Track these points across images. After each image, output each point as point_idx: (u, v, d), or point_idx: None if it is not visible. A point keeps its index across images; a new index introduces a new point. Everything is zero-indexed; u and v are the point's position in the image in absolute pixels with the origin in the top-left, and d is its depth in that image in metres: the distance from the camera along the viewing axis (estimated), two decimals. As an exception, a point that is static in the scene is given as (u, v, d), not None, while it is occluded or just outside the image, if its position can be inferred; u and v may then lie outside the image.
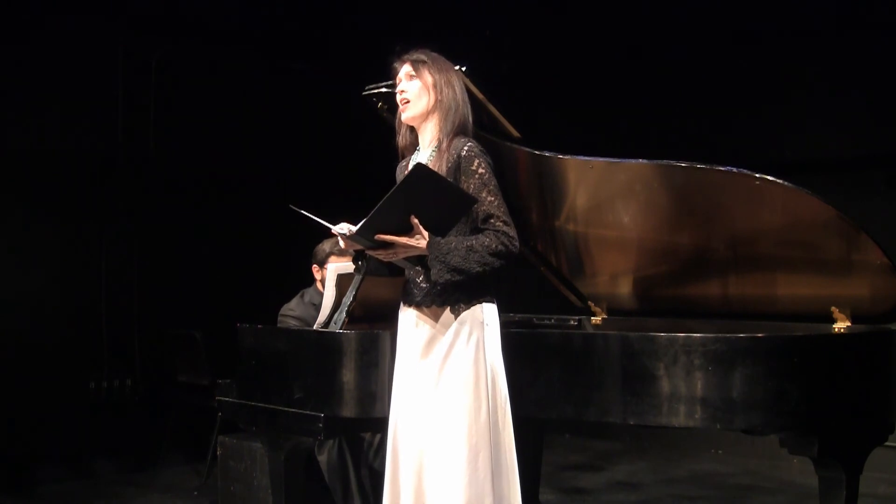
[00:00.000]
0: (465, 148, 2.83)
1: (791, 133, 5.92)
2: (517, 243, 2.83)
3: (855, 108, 5.67)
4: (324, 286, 4.08)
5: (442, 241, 2.75)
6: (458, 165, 2.82)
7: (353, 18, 6.55)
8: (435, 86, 2.90)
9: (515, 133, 3.40)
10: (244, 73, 6.40)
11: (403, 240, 2.74)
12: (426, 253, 2.75)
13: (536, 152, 3.37)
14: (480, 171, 2.82)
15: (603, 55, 6.51)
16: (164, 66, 6.02)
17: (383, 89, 3.35)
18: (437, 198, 2.72)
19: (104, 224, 5.79)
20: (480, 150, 2.86)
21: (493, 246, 2.77)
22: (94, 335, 5.75)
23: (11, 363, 5.27)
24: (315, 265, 4.23)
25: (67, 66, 5.60)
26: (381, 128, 3.58)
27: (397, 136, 3.05)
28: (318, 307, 3.95)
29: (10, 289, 5.36)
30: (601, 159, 3.34)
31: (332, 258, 4.08)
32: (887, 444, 3.04)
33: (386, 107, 3.43)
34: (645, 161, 3.27)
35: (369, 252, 2.85)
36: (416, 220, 2.71)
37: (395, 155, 3.11)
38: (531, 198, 3.58)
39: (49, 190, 5.53)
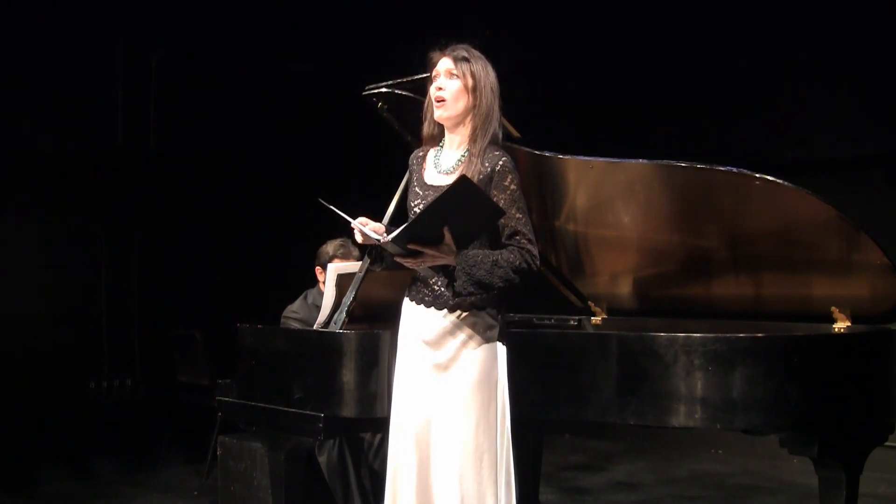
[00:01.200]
0: (501, 162, 2.82)
1: (791, 133, 5.92)
2: (538, 262, 2.83)
3: (855, 108, 5.67)
4: (326, 287, 4.09)
5: (469, 253, 2.74)
6: (490, 178, 2.80)
7: (354, 18, 6.55)
8: (475, 89, 2.84)
9: (515, 133, 3.39)
10: (244, 73, 6.40)
11: (433, 250, 2.73)
12: (453, 263, 2.74)
13: (536, 152, 3.37)
14: (512, 187, 2.82)
15: (603, 55, 6.51)
16: (164, 66, 6.02)
17: (383, 89, 3.35)
18: (471, 210, 2.71)
19: (104, 224, 5.79)
20: (513, 166, 2.84)
21: (517, 263, 2.77)
22: (94, 335, 5.75)
23: (12, 363, 5.26)
24: (318, 267, 4.22)
25: (67, 66, 5.60)
26: (381, 128, 3.59)
27: (423, 123, 2.97)
28: (320, 309, 3.95)
29: (10, 289, 5.36)
30: (601, 159, 3.34)
31: (336, 261, 4.07)
32: (887, 444, 3.04)
33: (386, 107, 3.43)
34: (645, 161, 3.27)
35: (397, 258, 2.84)
36: (448, 232, 2.71)
37: (394, 154, 3.10)
38: (531, 198, 3.56)
39: (49, 190, 5.53)
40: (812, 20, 5.69)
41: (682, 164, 3.20)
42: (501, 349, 2.86)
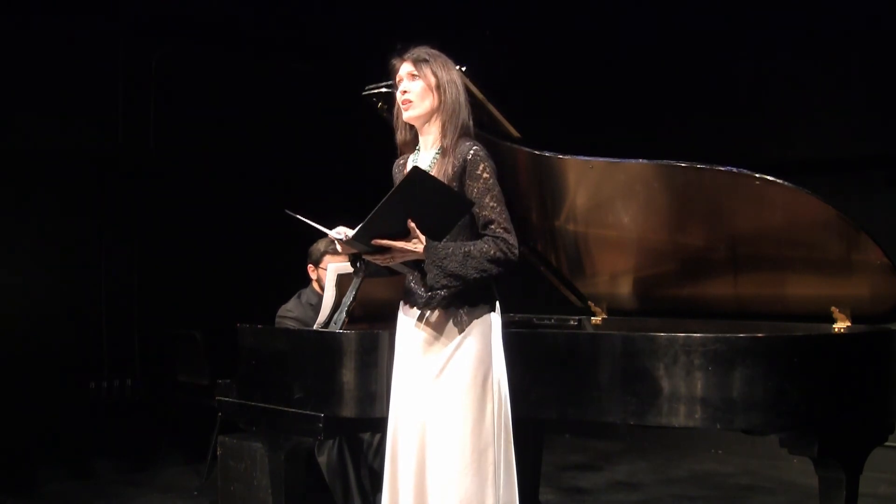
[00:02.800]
0: (471, 152, 2.81)
1: (792, 133, 5.92)
2: (517, 251, 2.80)
3: (855, 107, 5.67)
4: (320, 286, 4.09)
5: (439, 245, 2.72)
6: (463, 169, 2.80)
7: (353, 18, 6.55)
8: (438, 86, 2.86)
9: (515, 133, 3.40)
10: (244, 73, 6.40)
11: (400, 244, 2.72)
12: (423, 257, 2.73)
13: (536, 152, 3.38)
14: (485, 175, 2.81)
15: (603, 55, 6.50)
16: (164, 66, 6.02)
17: (383, 89, 3.36)
18: (435, 201, 2.70)
19: (104, 224, 5.79)
20: (486, 154, 2.84)
21: (492, 252, 2.75)
22: (94, 335, 5.75)
23: (12, 363, 5.26)
24: (310, 265, 4.23)
25: (67, 66, 5.60)
26: (380, 128, 3.58)
27: (396, 132, 3.02)
28: (315, 307, 3.95)
29: (10, 289, 5.36)
30: (601, 159, 3.34)
31: (328, 257, 4.08)
32: (887, 444, 3.05)
33: (385, 107, 3.43)
34: (645, 161, 3.28)
35: (366, 257, 2.84)
36: (412, 225, 2.70)
37: (394, 155, 3.10)
38: (531, 198, 3.58)
39: (49, 190, 5.53)
40: (812, 20, 5.69)
41: (682, 164, 3.21)
42: (497, 345, 2.85)
